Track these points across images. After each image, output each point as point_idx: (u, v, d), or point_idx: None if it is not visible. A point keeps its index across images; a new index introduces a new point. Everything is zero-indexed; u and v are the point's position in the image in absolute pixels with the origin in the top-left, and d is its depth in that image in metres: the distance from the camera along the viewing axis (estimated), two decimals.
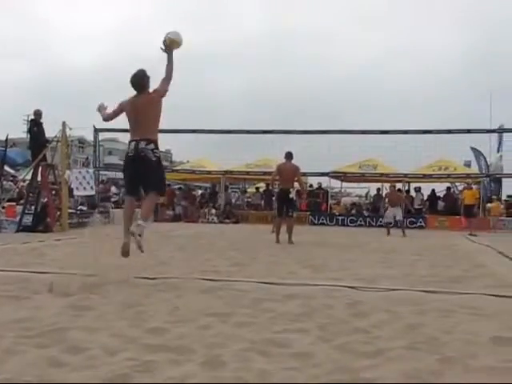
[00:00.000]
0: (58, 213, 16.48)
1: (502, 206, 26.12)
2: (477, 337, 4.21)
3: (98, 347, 3.72)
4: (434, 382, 3.20)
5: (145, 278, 6.84)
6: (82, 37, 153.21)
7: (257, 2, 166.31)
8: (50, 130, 16.78)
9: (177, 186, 32.52)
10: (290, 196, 13.60)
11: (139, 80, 7.04)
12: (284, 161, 14.06)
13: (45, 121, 16.45)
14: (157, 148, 6.97)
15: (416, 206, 27.28)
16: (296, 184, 14.04)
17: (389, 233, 19.13)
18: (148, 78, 7.09)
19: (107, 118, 7.44)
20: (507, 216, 25.60)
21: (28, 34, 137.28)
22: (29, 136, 17.46)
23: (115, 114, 7.37)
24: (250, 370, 3.34)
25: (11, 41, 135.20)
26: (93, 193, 20.63)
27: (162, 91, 7.02)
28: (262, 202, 28.97)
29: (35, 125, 16.39)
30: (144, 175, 7.01)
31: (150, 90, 7.08)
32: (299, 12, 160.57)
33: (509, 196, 28.53)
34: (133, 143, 6.93)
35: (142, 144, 6.86)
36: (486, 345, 4.03)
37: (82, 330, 4.20)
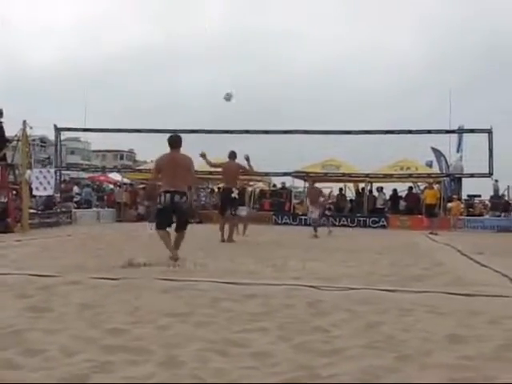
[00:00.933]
0: (19, 213, 16.24)
1: (462, 206, 26.52)
2: (433, 335, 4.28)
3: (56, 349, 3.69)
4: (390, 381, 3.24)
5: (105, 278, 6.78)
6: (42, 33, 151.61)
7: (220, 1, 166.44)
8: (11, 129, 16.53)
9: (140, 186, 32.29)
10: (233, 195, 13.71)
11: (178, 140, 8.98)
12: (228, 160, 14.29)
13: (5, 120, 16.20)
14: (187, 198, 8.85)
15: (378, 206, 27.60)
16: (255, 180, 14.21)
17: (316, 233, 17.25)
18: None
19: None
20: (467, 215, 26.04)
21: None
22: None
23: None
24: (208, 369, 3.35)
25: None
26: (52, 193, 20.36)
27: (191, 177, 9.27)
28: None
29: None
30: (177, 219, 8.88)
31: None
32: (263, 10, 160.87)
33: (469, 196, 28.99)
34: (168, 195, 8.59)
35: (177, 197, 8.64)
36: (441, 342, 4.10)
37: (41, 331, 4.15)
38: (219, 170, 26.61)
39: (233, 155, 14.17)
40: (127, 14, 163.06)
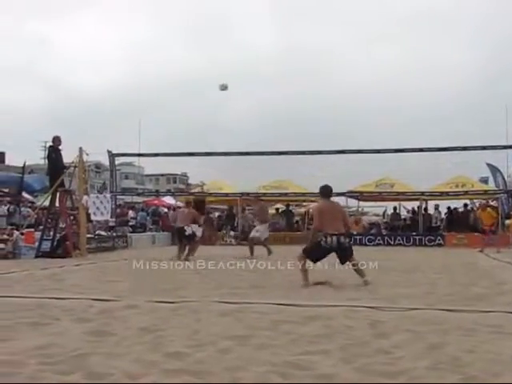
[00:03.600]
0: (77, 238, 16.54)
1: None
2: (500, 356, 4.17)
3: (120, 372, 3.72)
4: None
5: (163, 302, 6.83)
6: (97, 63, 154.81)
7: (266, 22, 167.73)
8: (67, 156, 16.92)
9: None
10: (186, 233, 15.39)
11: (331, 190, 10.07)
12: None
13: (62, 147, 16.59)
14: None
15: (434, 224, 27.18)
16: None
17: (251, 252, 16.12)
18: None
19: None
20: None
21: (45, 62, 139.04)
22: (47, 162, 17.58)
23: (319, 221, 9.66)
24: None
25: (27, 67, 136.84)
26: (109, 217, 20.72)
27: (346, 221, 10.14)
28: (282, 223, 29.04)
29: (53, 151, 16.51)
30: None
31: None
32: (308, 29, 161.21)
33: None
34: (334, 237, 9.24)
35: (342, 238, 9.33)
36: (509, 363, 3.98)
37: (103, 355, 4.20)
38: (272, 191, 26.71)
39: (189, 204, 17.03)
40: (178, 39, 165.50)
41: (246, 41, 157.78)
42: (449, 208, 28.02)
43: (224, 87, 19.52)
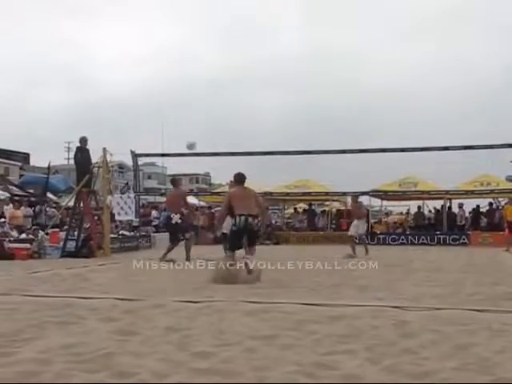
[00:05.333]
0: (101, 238, 16.66)
1: None
2: None
3: (147, 371, 3.74)
4: None
5: (188, 301, 6.85)
6: (121, 62, 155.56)
7: (292, 22, 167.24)
8: (92, 156, 17.02)
9: (217, 209, 32.62)
10: (173, 221, 13.80)
11: (244, 178, 10.31)
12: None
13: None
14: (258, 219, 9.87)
15: (459, 223, 26.97)
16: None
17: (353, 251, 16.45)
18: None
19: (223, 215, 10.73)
20: None
21: (69, 61, 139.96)
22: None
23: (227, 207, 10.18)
24: None
25: (53, 67, 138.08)
26: (133, 217, 20.85)
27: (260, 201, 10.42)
28: (305, 222, 29.04)
29: (80, 151, 16.64)
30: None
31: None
32: (336, 28, 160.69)
33: None
34: (242, 217, 9.61)
35: (250, 219, 9.61)
36: None
37: (130, 354, 4.22)
38: (295, 191, 26.65)
39: (174, 182, 15.53)
40: (201, 39, 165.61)
41: (271, 41, 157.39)
42: (477, 206, 27.76)
43: (191, 145, 16.99)
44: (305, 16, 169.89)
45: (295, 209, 31.80)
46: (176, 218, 13.79)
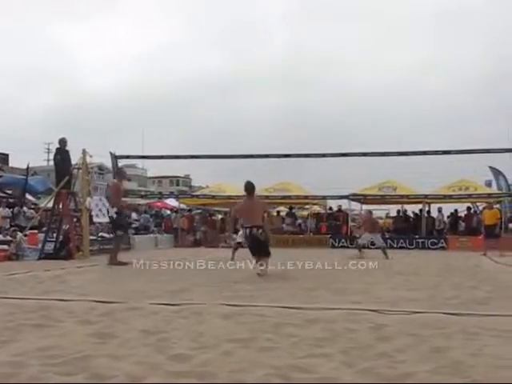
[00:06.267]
0: (80, 240, 16.57)
1: None
2: (504, 360, 4.16)
3: (123, 374, 3.73)
4: None
5: (166, 304, 6.84)
6: (101, 64, 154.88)
7: (277, 26, 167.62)
8: (71, 158, 16.92)
9: (197, 211, 32.59)
10: (109, 215, 13.91)
11: (251, 187, 11.06)
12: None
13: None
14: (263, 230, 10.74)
15: (437, 227, 27.18)
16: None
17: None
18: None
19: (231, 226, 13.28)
20: None
21: (50, 62, 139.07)
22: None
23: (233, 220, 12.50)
24: None
25: (32, 69, 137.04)
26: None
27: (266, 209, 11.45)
28: (284, 225, 29.12)
29: (59, 152, 16.53)
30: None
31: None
32: (325, 35, 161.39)
33: None
34: (248, 229, 10.76)
35: (254, 230, 10.61)
36: None
37: (106, 357, 4.20)
38: (275, 194, 26.67)
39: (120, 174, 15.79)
40: (187, 41, 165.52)
41: (258, 45, 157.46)
42: (456, 211, 27.98)
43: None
44: (289, 20, 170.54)
45: (278, 212, 31.83)
46: (112, 212, 13.62)
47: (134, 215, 29.77)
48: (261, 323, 5.64)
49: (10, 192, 25.35)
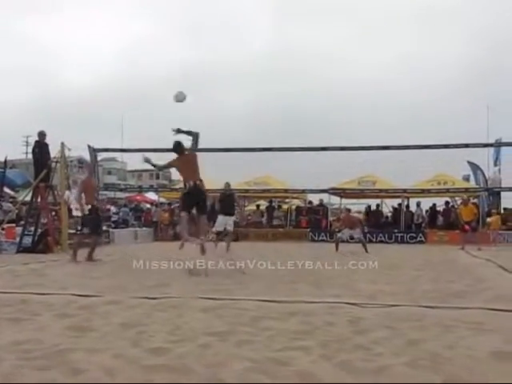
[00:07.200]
0: (58, 234, 16.45)
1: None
2: (478, 352, 4.20)
3: (99, 369, 3.71)
4: None
5: (145, 297, 6.82)
6: (81, 58, 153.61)
7: (262, 20, 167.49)
8: (50, 151, 16.76)
9: (176, 205, 32.49)
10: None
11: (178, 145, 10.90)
12: None
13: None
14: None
15: (416, 221, 27.34)
16: None
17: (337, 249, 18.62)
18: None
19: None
20: (505, 229, 25.43)
21: (28, 56, 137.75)
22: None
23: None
24: None
25: (12, 62, 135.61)
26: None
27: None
28: (263, 220, 29.14)
29: (38, 145, 16.38)
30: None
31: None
32: (306, 31, 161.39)
33: (505, 209, 28.35)
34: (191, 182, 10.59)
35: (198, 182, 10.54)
36: (486, 360, 4.02)
37: (84, 351, 4.18)
38: (255, 188, 26.55)
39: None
40: (164, 35, 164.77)
41: (242, 40, 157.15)
42: (434, 205, 28.17)
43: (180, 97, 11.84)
44: (273, 15, 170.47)
45: (257, 206, 31.78)
46: (85, 209, 13.63)
47: (112, 209, 29.64)
48: (239, 317, 5.64)
49: None
